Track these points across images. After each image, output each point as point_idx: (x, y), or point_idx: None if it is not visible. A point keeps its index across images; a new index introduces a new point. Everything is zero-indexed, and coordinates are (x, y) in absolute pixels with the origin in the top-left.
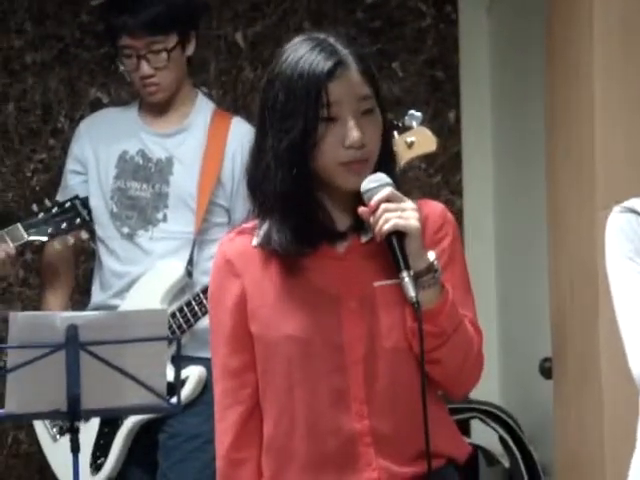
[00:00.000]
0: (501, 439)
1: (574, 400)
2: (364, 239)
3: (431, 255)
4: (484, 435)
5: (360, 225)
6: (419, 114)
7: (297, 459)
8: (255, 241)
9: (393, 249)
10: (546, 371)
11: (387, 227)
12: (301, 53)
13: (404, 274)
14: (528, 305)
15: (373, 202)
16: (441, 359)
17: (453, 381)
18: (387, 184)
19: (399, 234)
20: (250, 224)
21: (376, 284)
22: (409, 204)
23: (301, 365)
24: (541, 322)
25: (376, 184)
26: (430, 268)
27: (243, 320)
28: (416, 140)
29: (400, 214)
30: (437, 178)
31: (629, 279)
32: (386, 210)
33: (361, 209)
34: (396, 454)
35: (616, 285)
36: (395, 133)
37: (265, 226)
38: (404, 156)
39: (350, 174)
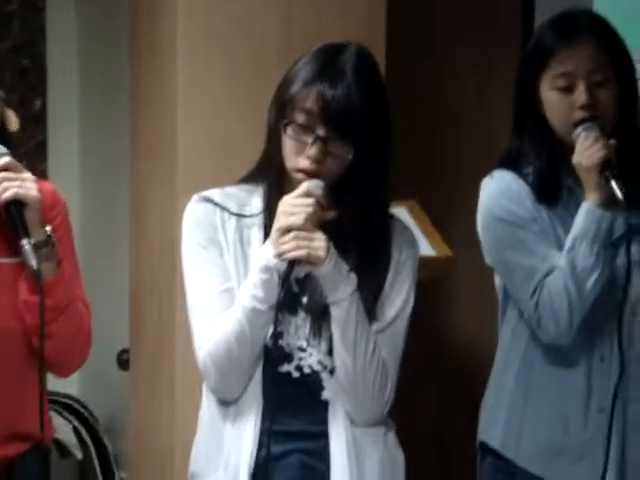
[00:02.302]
0: (75, 430)
1: (148, 391)
2: None
3: (48, 228)
4: (58, 426)
5: None
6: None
7: None
8: None
9: (13, 218)
10: (123, 363)
11: (7, 195)
12: None
13: (24, 242)
14: (110, 297)
15: None
16: (54, 333)
17: (64, 357)
18: (4, 154)
19: (18, 203)
20: None
21: None
22: (28, 175)
23: None
24: (122, 313)
25: None
26: (48, 241)
27: None
28: None
29: (20, 183)
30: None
31: (200, 267)
32: (5, 179)
33: None
34: None
35: (188, 273)
36: None
37: None
38: None
39: None
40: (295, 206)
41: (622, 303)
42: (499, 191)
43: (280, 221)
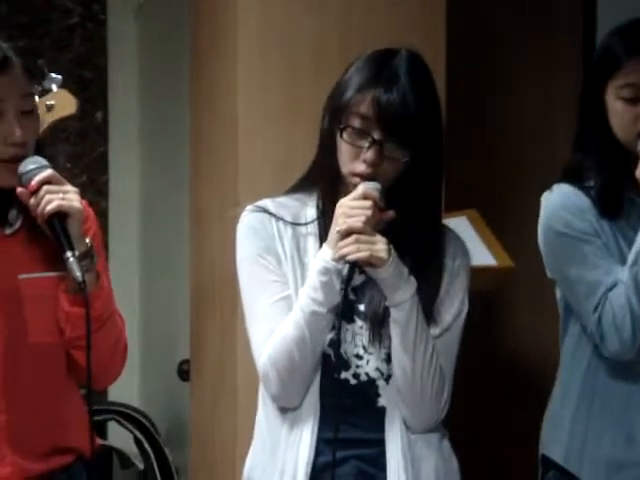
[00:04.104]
0: (137, 441)
1: (210, 401)
2: (8, 231)
3: (87, 240)
4: (120, 437)
5: (4, 218)
6: (59, 76)
7: None
8: None
9: (56, 230)
10: (184, 373)
11: (50, 207)
12: None
13: (69, 254)
14: (170, 307)
15: (34, 182)
16: (95, 344)
17: (102, 369)
18: (46, 166)
19: (61, 215)
20: None
21: (21, 277)
22: (70, 187)
23: None
24: (181, 325)
25: (36, 165)
26: (88, 252)
27: None
28: (56, 103)
29: (63, 195)
30: (82, 178)
31: (258, 275)
32: (48, 191)
33: (20, 190)
34: (32, 450)
35: (245, 282)
36: (35, 97)
37: None
38: (45, 120)
39: (7, 172)
40: (354, 208)
41: None
42: (560, 205)
43: (339, 223)
